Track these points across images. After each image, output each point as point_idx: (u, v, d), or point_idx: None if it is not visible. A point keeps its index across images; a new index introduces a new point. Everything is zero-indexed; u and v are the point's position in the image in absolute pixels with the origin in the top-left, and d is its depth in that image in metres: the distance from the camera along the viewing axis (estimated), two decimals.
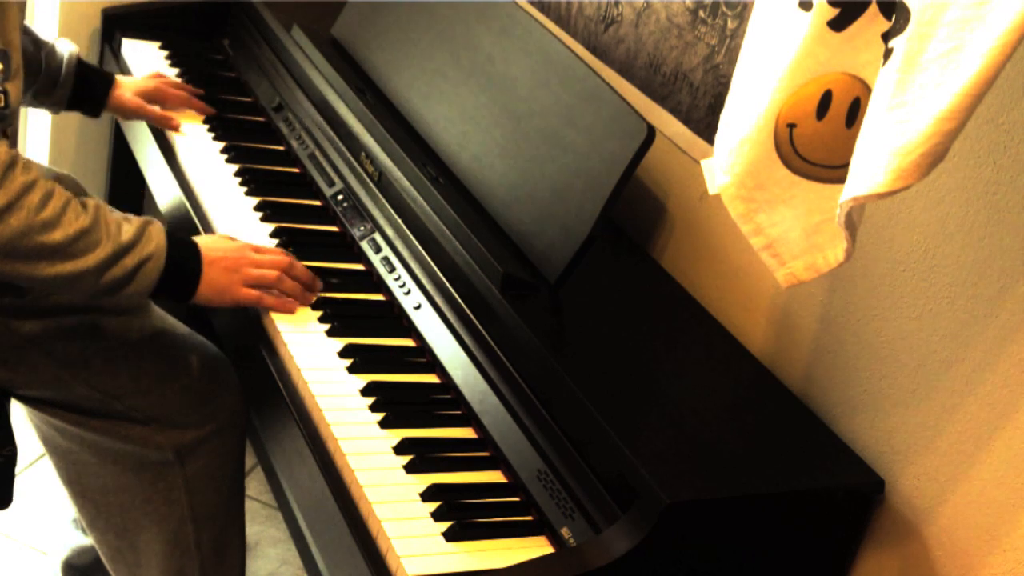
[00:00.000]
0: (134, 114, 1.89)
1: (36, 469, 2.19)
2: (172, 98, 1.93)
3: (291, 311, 1.51)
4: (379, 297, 1.61)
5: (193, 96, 1.96)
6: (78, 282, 1.36)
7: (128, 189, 2.34)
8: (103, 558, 1.67)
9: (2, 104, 1.28)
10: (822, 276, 1.27)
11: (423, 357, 1.51)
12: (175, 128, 1.91)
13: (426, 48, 1.85)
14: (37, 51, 1.74)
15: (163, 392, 1.54)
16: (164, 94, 1.92)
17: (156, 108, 1.89)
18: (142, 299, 1.43)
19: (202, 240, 1.49)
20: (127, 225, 1.39)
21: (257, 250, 1.52)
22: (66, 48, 1.78)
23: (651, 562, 1.21)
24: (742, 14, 1.63)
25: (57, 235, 1.32)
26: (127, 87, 1.88)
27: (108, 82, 1.86)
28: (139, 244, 1.38)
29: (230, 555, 1.66)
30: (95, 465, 1.58)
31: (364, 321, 1.55)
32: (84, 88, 1.81)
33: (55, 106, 1.81)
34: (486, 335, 1.43)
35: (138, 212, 1.88)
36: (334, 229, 1.74)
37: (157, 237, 1.40)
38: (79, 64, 1.79)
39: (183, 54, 2.15)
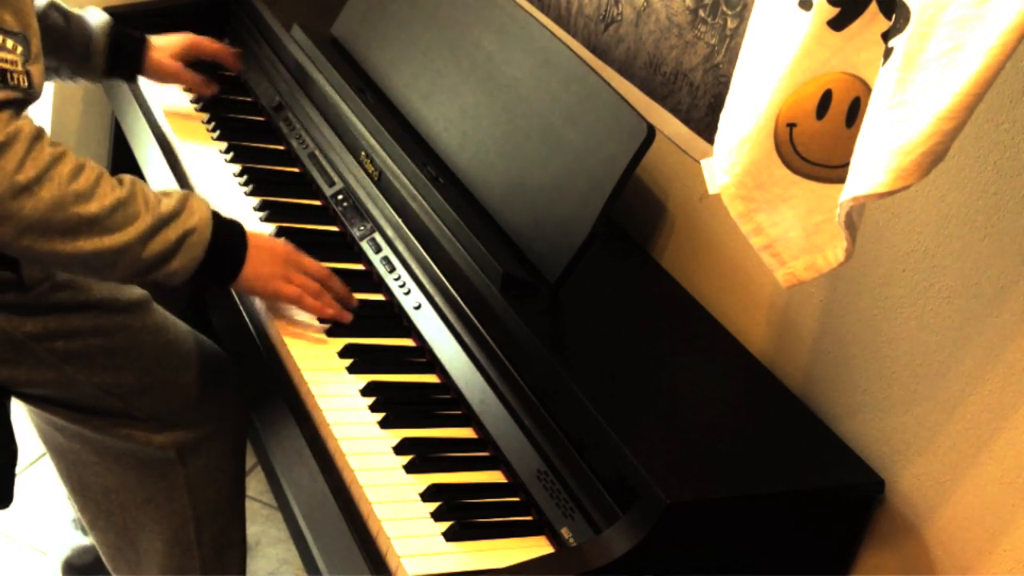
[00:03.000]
0: (173, 78, 1.90)
1: (36, 469, 2.19)
2: (208, 51, 1.94)
3: (328, 316, 1.50)
4: (379, 297, 1.61)
5: (226, 49, 1.97)
6: (120, 257, 1.31)
7: None
8: (103, 557, 1.67)
9: (26, 84, 1.27)
10: (822, 276, 1.27)
11: (423, 357, 1.51)
12: (213, 92, 1.93)
13: (426, 47, 1.85)
14: (68, 25, 1.74)
15: (165, 390, 1.54)
16: (200, 48, 1.92)
17: (192, 74, 1.90)
18: (187, 275, 1.37)
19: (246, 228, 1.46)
20: (166, 199, 1.36)
21: (300, 261, 1.49)
22: (96, 18, 1.78)
23: (651, 562, 1.21)
24: (742, 13, 1.62)
25: (93, 206, 1.28)
26: (163, 49, 1.87)
27: (142, 46, 1.85)
28: (181, 216, 1.35)
29: (231, 554, 1.66)
30: (96, 464, 1.58)
31: (364, 321, 1.55)
32: (119, 55, 1.82)
33: (92, 75, 1.82)
34: (486, 335, 1.43)
35: None
36: (334, 229, 1.74)
37: (200, 210, 1.37)
38: (111, 32, 1.79)
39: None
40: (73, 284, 1.51)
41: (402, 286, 1.58)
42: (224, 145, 1.88)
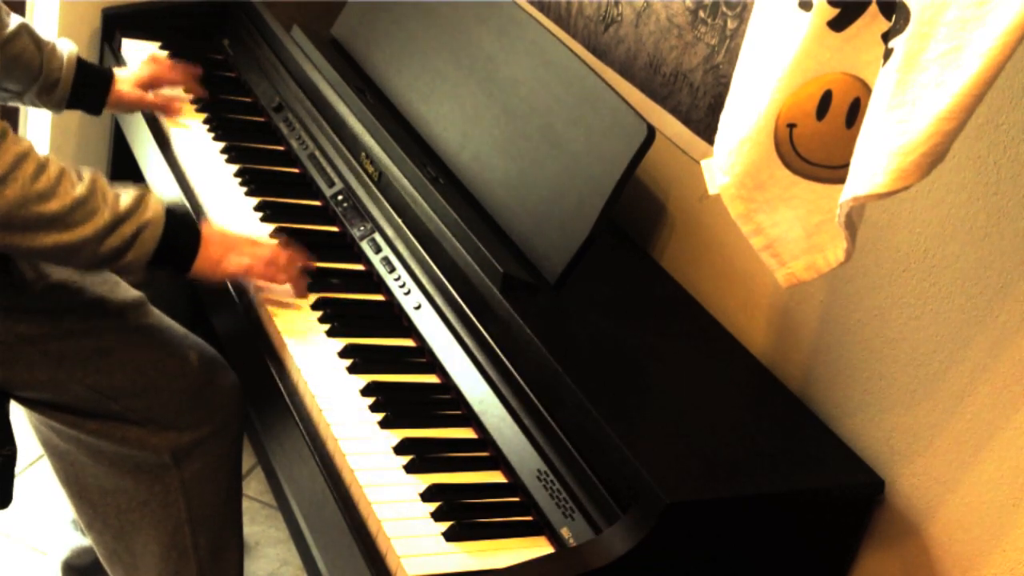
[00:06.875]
0: (135, 107, 1.91)
1: (36, 469, 2.19)
2: (170, 80, 1.95)
3: (277, 284, 1.54)
4: (379, 297, 1.61)
5: (189, 73, 1.98)
6: (78, 251, 1.37)
7: None
8: (101, 559, 1.67)
9: None
10: (822, 276, 1.27)
11: (423, 357, 1.51)
12: (177, 112, 1.94)
13: (426, 48, 1.85)
14: (39, 51, 1.74)
15: (159, 393, 1.54)
16: (162, 78, 1.94)
17: (154, 99, 1.91)
18: (141, 267, 1.44)
19: (202, 224, 1.52)
20: (124, 195, 1.41)
21: (254, 242, 1.54)
22: (66, 47, 1.78)
23: (651, 562, 1.21)
24: (742, 14, 1.63)
25: (54, 205, 1.33)
26: (125, 81, 1.88)
27: (107, 79, 1.86)
28: (137, 212, 1.41)
29: (227, 557, 1.66)
30: (92, 467, 1.58)
31: (364, 321, 1.55)
32: (84, 87, 1.82)
33: (56, 105, 1.81)
34: (486, 335, 1.43)
35: None
36: (334, 229, 1.74)
37: (154, 206, 1.43)
38: (79, 63, 1.79)
39: (183, 54, 2.15)
40: (68, 286, 1.52)
41: (402, 286, 1.58)
42: (223, 145, 1.88)
